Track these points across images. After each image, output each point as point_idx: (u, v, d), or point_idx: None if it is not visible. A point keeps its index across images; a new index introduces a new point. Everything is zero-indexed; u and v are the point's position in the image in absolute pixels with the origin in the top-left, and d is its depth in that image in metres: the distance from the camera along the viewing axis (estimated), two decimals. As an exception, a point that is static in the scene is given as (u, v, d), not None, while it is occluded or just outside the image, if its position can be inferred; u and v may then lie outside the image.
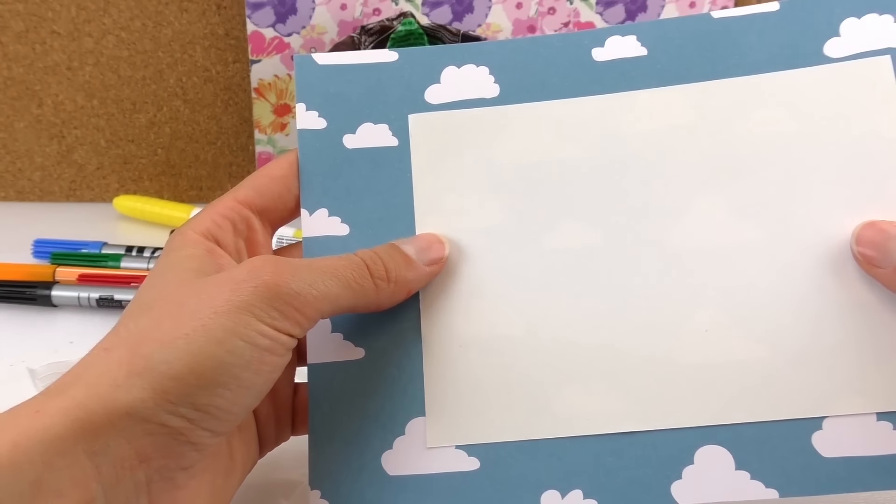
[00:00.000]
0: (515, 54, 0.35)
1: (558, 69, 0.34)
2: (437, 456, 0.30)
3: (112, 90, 0.62)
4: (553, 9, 0.60)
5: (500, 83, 0.34)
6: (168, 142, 0.64)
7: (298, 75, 0.35)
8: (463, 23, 0.60)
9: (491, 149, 0.33)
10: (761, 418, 0.29)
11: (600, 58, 0.34)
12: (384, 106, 0.34)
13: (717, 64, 0.33)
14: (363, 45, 0.56)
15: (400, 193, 0.33)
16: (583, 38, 0.34)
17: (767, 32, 0.34)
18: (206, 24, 0.61)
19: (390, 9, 0.59)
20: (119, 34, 0.61)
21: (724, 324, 0.30)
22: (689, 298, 0.31)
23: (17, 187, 0.65)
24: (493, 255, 0.32)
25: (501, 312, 0.31)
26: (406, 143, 0.34)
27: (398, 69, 0.35)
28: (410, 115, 0.34)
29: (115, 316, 0.49)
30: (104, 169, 0.65)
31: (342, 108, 0.34)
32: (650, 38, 0.34)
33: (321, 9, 0.59)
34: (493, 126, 0.34)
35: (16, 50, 0.61)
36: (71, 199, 0.66)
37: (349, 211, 0.33)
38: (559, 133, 0.33)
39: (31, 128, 0.63)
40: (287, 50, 0.60)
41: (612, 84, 0.34)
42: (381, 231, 0.32)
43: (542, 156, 0.33)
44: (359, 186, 0.33)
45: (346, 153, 0.34)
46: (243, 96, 0.63)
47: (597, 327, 0.31)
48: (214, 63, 0.62)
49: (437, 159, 0.33)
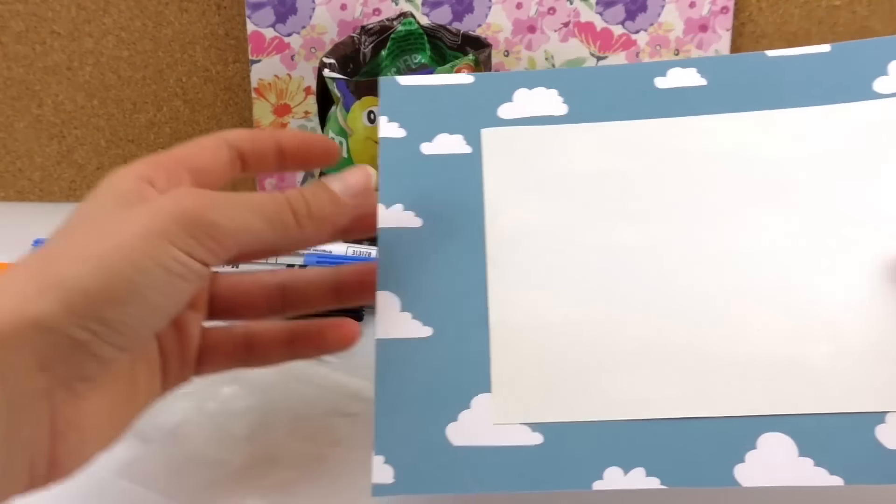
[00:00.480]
0: (583, 79, 0.38)
1: (623, 94, 0.37)
2: (501, 430, 0.31)
3: (112, 90, 0.62)
4: (553, 9, 0.60)
5: (568, 104, 0.37)
6: (168, 142, 0.64)
7: (383, 93, 0.38)
8: (463, 23, 0.60)
9: (557, 159, 0.36)
10: (824, 410, 0.30)
11: (662, 86, 0.37)
12: (459, 120, 0.37)
13: (772, 95, 0.36)
14: (363, 44, 0.56)
15: (471, 193, 0.35)
16: (646, 68, 0.37)
17: (819, 70, 0.36)
18: (206, 23, 0.61)
19: (390, 9, 0.59)
20: (119, 34, 0.61)
21: (785, 320, 0.32)
22: (752, 296, 0.32)
23: (17, 187, 0.65)
24: (556, 249, 0.34)
25: (565, 301, 0.33)
26: (479, 152, 0.36)
27: (473, 89, 0.38)
28: (483, 129, 0.37)
29: (115, 316, 0.49)
30: (104, 169, 0.65)
31: (421, 121, 0.37)
32: (709, 71, 0.37)
33: (321, 9, 0.59)
34: (559, 141, 0.36)
35: (16, 50, 0.61)
36: (71, 199, 0.66)
37: (423, 206, 0.35)
38: (621, 149, 0.36)
39: (31, 128, 0.63)
40: (287, 50, 0.60)
41: (673, 109, 0.36)
42: (453, 224, 0.35)
43: (604, 167, 0.35)
44: (433, 186, 0.35)
45: (422, 158, 0.36)
46: (243, 96, 0.63)
47: (661, 318, 0.32)
48: (214, 63, 0.62)
49: (507, 166, 0.36)
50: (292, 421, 0.39)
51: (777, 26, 0.61)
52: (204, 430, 0.38)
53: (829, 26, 0.61)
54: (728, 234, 0.34)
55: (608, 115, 0.36)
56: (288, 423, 0.39)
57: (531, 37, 0.60)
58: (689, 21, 0.60)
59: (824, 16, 0.61)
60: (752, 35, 0.61)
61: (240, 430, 0.38)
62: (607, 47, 0.61)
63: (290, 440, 0.37)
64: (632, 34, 0.61)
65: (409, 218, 0.35)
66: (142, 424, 0.38)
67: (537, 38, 0.60)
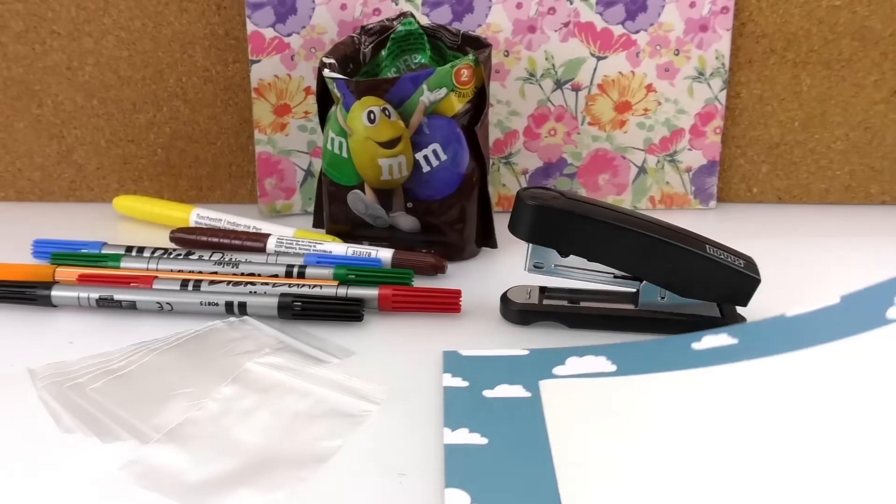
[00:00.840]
0: (629, 348, 0.43)
1: (663, 356, 0.42)
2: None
3: (112, 90, 0.62)
4: (553, 9, 0.60)
5: (616, 364, 0.42)
6: (168, 142, 0.64)
7: (446, 361, 0.43)
8: (463, 23, 0.60)
9: (609, 399, 0.40)
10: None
11: (698, 347, 0.42)
12: (517, 376, 0.41)
13: (796, 342, 0.40)
14: (363, 44, 0.56)
15: (533, 422, 0.38)
16: (683, 337, 0.43)
17: (834, 316, 0.39)
18: (205, 24, 0.61)
19: (390, 9, 0.59)
20: (119, 34, 0.61)
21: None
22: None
23: (16, 187, 0.65)
24: (619, 472, 0.36)
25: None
26: (538, 396, 0.40)
27: (529, 358, 0.43)
28: (542, 381, 0.41)
29: (115, 316, 0.49)
30: (104, 169, 0.65)
31: (482, 375, 0.42)
32: (739, 332, 0.42)
33: (321, 9, 0.59)
34: (612, 388, 0.41)
35: (16, 50, 0.61)
36: (71, 200, 0.66)
37: (487, 429, 0.38)
38: (663, 390, 0.40)
39: (30, 128, 0.63)
40: (287, 50, 0.60)
41: (708, 361, 0.41)
42: (518, 443, 0.37)
43: (649, 403, 0.39)
44: (495, 415, 0.39)
45: (484, 399, 0.40)
46: (243, 96, 0.63)
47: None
48: (214, 63, 0.62)
49: (565, 406, 0.39)
50: (292, 421, 0.39)
51: (777, 26, 0.61)
52: (204, 430, 0.38)
53: (830, 26, 0.61)
54: (759, 465, 0.35)
55: (652, 370, 0.41)
56: (288, 423, 0.39)
57: (531, 37, 0.60)
58: (689, 21, 0.60)
59: (824, 15, 0.61)
60: (753, 35, 0.61)
61: (240, 430, 0.38)
62: (607, 47, 0.61)
63: (290, 440, 0.37)
64: (632, 34, 0.60)
65: (475, 438, 0.37)
66: (142, 424, 0.38)
67: (537, 38, 0.60)
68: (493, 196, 0.62)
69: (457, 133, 0.53)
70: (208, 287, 0.49)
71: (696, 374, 0.41)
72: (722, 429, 0.37)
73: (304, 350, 0.45)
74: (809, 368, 0.39)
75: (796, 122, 0.64)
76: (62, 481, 0.35)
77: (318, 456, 0.36)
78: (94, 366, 0.43)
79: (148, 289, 0.49)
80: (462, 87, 0.52)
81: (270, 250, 0.55)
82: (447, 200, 0.54)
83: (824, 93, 0.63)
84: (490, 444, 0.37)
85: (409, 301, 0.48)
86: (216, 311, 0.48)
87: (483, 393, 0.40)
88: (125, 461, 0.36)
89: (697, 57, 0.61)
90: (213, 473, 0.35)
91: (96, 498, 0.34)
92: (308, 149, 0.63)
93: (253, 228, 0.58)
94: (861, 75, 0.62)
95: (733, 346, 0.41)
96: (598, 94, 0.62)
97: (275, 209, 0.64)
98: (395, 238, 0.56)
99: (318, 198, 0.59)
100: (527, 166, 0.64)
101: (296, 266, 0.52)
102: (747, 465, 0.35)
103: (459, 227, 0.55)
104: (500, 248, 0.57)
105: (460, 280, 0.53)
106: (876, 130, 0.64)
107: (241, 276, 0.51)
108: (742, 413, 0.38)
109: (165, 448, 0.37)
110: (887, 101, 0.63)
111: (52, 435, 0.38)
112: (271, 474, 0.35)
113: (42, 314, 0.49)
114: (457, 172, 0.54)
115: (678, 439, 0.37)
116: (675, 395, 0.40)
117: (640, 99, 0.62)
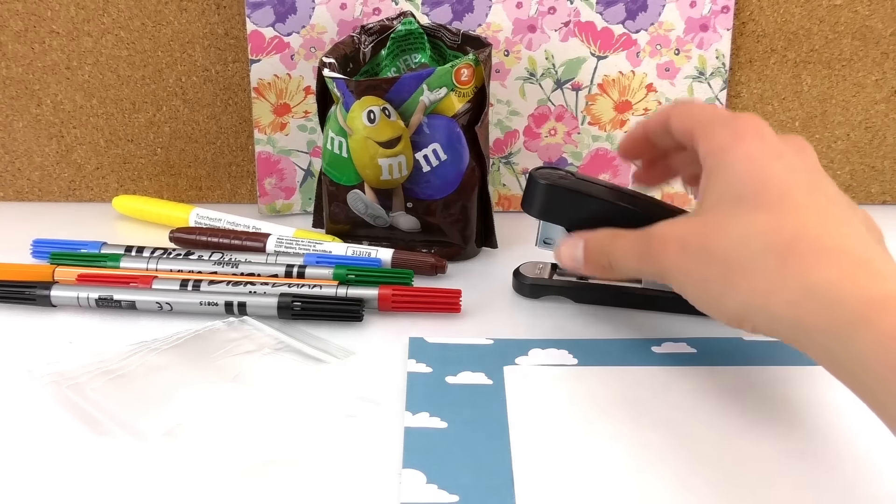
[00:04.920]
0: (591, 344, 0.45)
1: (624, 355, 0.44)
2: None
3: (111, 90, 0.62)
4: (553, 8, 0.60)
5: (577, 357, 0.44)
6: (167, 141, 0.64)
7: (411, 348, 0.45)
8: (463, 22, 0.60)
9: (571, 385, 0.42)
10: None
11: (658, 351, 0.45)
12: (480, 364, 0.43)
13: (750, 359, 0.44)
14: (363, 44, 0.56)
15: (494, 406, 0.40)
16: (644, 341, 0.46)
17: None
18: (205, 23, 0.61)
19: (390, 8, 0.59)
20: (118, 33, 0.61)
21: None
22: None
23: (16, 187, 0.65)
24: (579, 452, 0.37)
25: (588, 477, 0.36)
26: (501, 383, 0.42)
27: (493, 347, 0.45)
28: (505, 367, 0.43)
29: (114, 316, 0.48)
30: (103, 169, 0.65)
31: (445, 363, 0.43)
32: (698, 343, 0.45)
33: (321, 8, 0.59)
34: (572, 376, 0.43)
35: (15, 49, 0.61)
36: (70, 199, 0.66)
37: (447, 413, 0.39)
38: (622, 382, 0.42)
39: (30, 127, 0.63)
40: (287, 49, 0.59)
41: (666, 363, 0.44)
42: (477, 426, 0.38)
43: (608, 392, 0.41)
44: (457, 401, 0.40)
45: (447, 385, 0.42)
46: (243, 96, 0.63)
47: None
48: (214, 63, 0.62)
49: (527, 392, 0.41)
50: (292, 421, 0.39)
51: (778, 25, 0.61)
52: (204, 429, 0.38)
53: (830, 25, 0.61)
54: (727, 444, 0.37)
55: (612, 364, 0.43)
56: (288, 423, 0.38)
57: (531, 36, 0.60)
58: (689, 20, 0.60)
59: (825, 15, 0.61)
60: (753, 34, 0.61)
61: (240, 429, 0.38)
62: (607, 47, 0.61)
63: (290, 440, 0.37)
64: (632, 34, 0.60)
65: (435, 422, 0.38)
66: (141, 424, 0.38)
67: (537, 38, 0.60)
68: (494, 196, 0.62)
69: (457, 133, 0.53)
70: (208, 287, 0.49)
71: (654, 371, 0.43)
72: (674, 421, 0.39)
73: (304, 350, 0.44)
74: (763, 385, 0.42)
75: (797, 122, 0.64)
76: (62, 481, 0.35)
77: (318, 455, 0.36)
78: (93, 365, 0.43)
79: (147, 289, 0.49)
80: (462, 86, 0.52)
81: (270, 250, 0.55)
82: (447, 200, 0.54)
83: (825, 92, 0.63)
84: (449, 427, 0.38)
85: (408, 301, 0.48)
86: (216, 311, 0.48)
87: (446, 379, 0.42)
88: (124, 461, 0.36)
89: (698, 56, 0.61)
90: (213, 473, 0.35)
91: (95, 497, 0.34)
92: (308, 148, 0.62)
93: (253, 228, 0.58)
94: (862, 75, 0.62)
95: (691, 354, 0.45)
96: (599, 93, 0.62)
97: (274, 209, 0.64)
98: (395, 238, 0.56)
99: (317, 197, 0.59)
100: (527, 166, 0.63)
101: (295, 266, 0.51)
102: (695, 457, 0.37)
103: (459, 227, 0.55)
104: (501, 248, 0.57)
105: (460, 280, 0.53)
106: (877, 130, 0.64)
107: (241, 276, 0.51)
108: (696, 409, 0.40)
109: (165, 448, 0.37)
110: (888, 101, 0.63)
111: (52, 435, 0.38)
112: (271, 474, 0.35)
113: (41, 314, 0.49)
114: (457, 172, 0.54)
115: (633, 427, 0.38)
116: (633, 386, 0.42)
117: (640, 99, 0.62)
